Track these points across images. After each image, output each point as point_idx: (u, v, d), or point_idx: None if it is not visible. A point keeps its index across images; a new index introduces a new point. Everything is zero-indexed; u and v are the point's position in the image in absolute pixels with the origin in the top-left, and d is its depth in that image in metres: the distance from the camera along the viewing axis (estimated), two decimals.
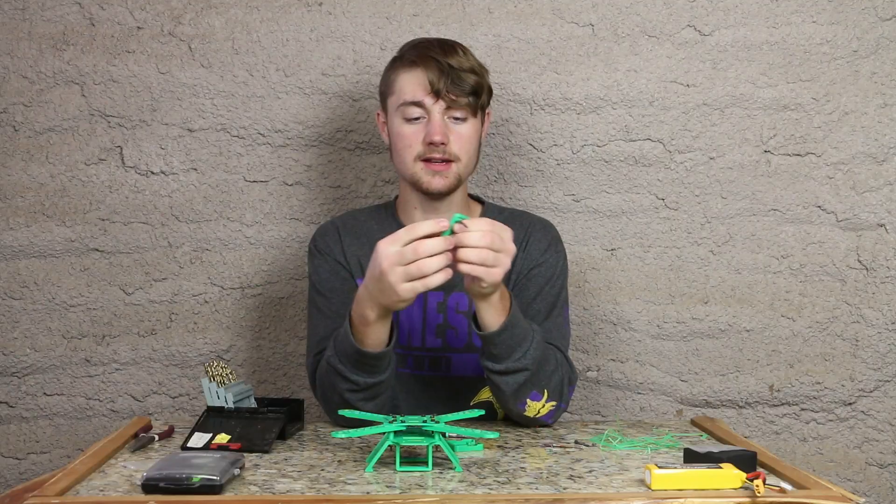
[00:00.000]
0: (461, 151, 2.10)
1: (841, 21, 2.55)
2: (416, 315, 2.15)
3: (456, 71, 2.08)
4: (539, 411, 2.02)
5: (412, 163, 2.10)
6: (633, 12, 2.54)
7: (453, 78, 2.08)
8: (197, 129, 2.53)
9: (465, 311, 2.15)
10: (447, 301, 2.15)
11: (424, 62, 2.09)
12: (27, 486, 1.71)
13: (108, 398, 2.57)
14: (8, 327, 2.55)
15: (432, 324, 2.15)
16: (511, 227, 2.17)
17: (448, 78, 2.08)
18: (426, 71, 2.08)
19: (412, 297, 1.84)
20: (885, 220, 2.57)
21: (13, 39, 2.52)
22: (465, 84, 2.09)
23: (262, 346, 2.57)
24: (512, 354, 1.95)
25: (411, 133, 2.10)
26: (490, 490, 1.58)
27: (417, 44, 2.16)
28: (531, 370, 1.97)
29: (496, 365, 1.96)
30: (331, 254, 2.19)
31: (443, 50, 2.11)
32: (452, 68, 2.08)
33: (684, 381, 2.58)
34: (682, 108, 2.55)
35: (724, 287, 2.57)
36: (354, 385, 1.97)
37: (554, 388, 2.02)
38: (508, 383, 1.97)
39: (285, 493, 1.56)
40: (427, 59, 2.09)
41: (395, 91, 2.13)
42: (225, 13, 2.52)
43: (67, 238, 2.54)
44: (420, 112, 2.09)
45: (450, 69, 2.08)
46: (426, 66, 2.08)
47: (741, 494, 1.54)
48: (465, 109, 2.10)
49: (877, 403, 2.60)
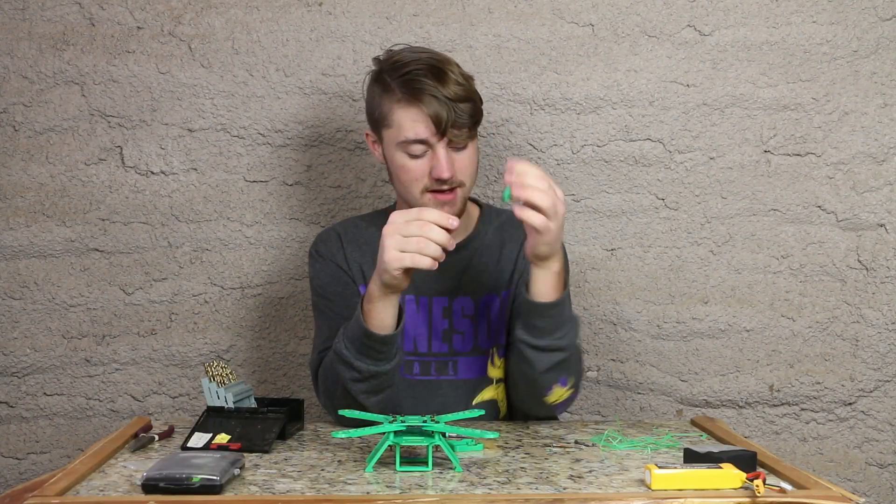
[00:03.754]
0: (465, 176, 2.09)
1: (841, 21, 2.55)
2: (420, 321, 2.15)
3: (455, 103, 2.02)
4: (560, 397, 2.04)
5: (419, 195, 2.08)
6: (633, 12, 2.54)
7: (455, 112, 2.03)
8: (197, 129, 2.53)
9: (471, 314, 2.15)
10: (452, 306, 2.15)
11: (422, 99, 2.02)
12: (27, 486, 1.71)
13: (108, 398, 2.57)
14: (8, 327, 2.55)
15: (438, 329, 2.15)
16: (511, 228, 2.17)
17: (450, 114, 2.02)
18: (426, 109, 2.02)
19: (397, 268, 1.86)
20: (885, 220, 2.57)
21: (13, 39, 2.52)
22: (465, 116, 2.04)
23: (262, 346, 2.57)
24: (555, 332, 1.96)
25: (416, 167, 2.07)
26: (490, 490, 1.58)
27: (407, 73, 2.05)
28: (568, 352, 1.99)
29: (538, 340, 1.97)
30: (333, 259, 2.18)
31: (436, 78, 2.03)
32: (451, 100, 2.02)
33: (684, 381, 2.58)
34: (682, 108, 2.55)
35: (724, 287, 2.58)
36: (358, 373, 1.96)
37: (577, 377, 2.06)
38: (543, 361, 1.98)
39: (285, 493, 1.56)
40: (424, 95, 2.02)
41: (393, 125, 2.07)
42: (225, 13, 2.52)
43: (67, 238, 2.54)
44: (423, 148, 2.05)
45: (449, 102, 2.02)
46: (425, 104, 2.02)
47: (741, 494, 1.54)
48: (467, 138, 2.08)
49: (877, 403, 2.60)
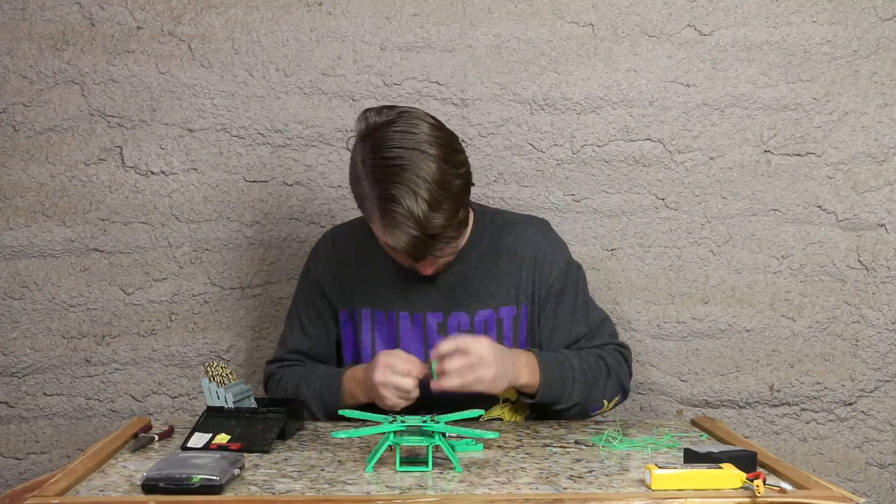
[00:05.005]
0: (454, 253, 2.09)
1: (841, 21, 2.55)
2: (415, 338, 2.15)
3: (434, 240, 1.96)
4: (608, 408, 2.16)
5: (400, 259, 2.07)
6: (633, 12, 2.54)
7: (436, 246, 1.97)
8: (197, 129, 2.53)
9: (467, 330, 2.15)
10: (447, 322, 2.15)
11: (401, 238, 1.93)
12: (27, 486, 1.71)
13: (108, 398, 2.57)
14: (8, 327, 2.55)
15: (433, 344, 2.13)
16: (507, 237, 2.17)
17: (429, 247, 1.96)
18: (403, 245, 1.94)
19: (396, 407, 1.98)
20: (885, 220, 2.57)
21: (13, 39, 2.52)
22: (447, 242, 1.99)
23: (262, 346, 2.57)
24: (560, 399, 2.09)
25: (399, 256, 2.03)
26: (490, 490, 1.58)
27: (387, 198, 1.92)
28: (582, 402, 2.11)
29: (552, 408, 2.11)
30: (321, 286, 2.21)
31: (418, 224, 1.92)
32: (431, 237, 1.95)
33: (684, 381, 2.58)
34: (682, 108, 2.55)
35: (724, 287, 2.57)
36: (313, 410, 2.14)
37: (613, 392, 2.15)
38: (569, 414, 2.12)
39: (285, 493, 1.56)
40: (403, 235, 1.93)
41: (374, 226, 2.00)
42: (225, 13, 2.52)
43: (67, 238, 2.54)
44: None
45: (428, 240, 1.95)
46: (405, 243, 1.94)
47: (741, 494, 1.54)
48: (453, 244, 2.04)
49: (877, 403, 2.60)
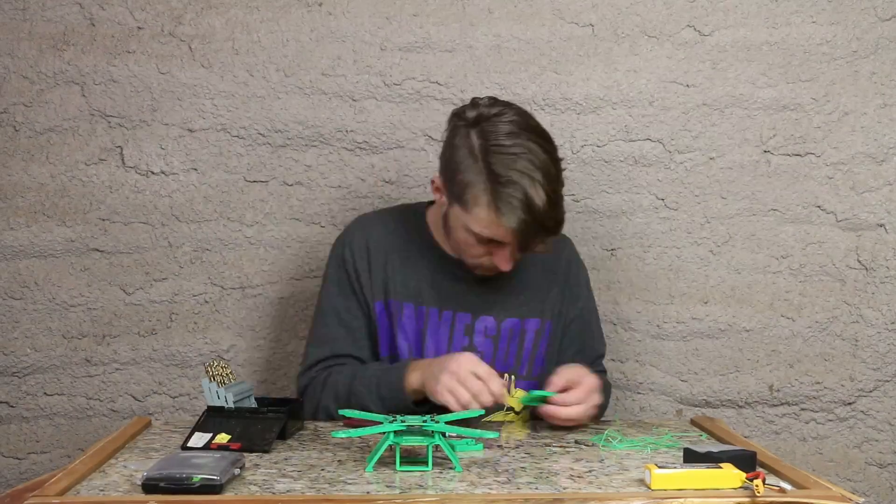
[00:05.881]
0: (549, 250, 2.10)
1: (841, 21, 2.55)
2: (442, 335, 2.15)
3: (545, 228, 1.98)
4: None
5: (468, 259, 2.08)
6: (633, 12, 2.54)
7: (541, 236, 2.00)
8: (197, 129, 2.53)
9: (493, 335, 2.15)
10: (474, 325, 2.15)
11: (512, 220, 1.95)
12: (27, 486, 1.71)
13: (109, 398, 2.57)
14: (8, 327, 2.55)
15: (457, 345, 2.14)
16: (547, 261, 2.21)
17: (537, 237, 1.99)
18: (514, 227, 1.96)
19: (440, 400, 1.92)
20: (884, 220, 2.57)
21: (13, 39, 2.51)
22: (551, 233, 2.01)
23: (262, 346, 2.57)
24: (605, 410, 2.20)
25: (479, 248, 2.04)
26: (490, 490, 1.58)
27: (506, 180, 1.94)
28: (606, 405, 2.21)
29: None
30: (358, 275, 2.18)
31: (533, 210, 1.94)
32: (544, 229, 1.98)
33: (684, 381, 2.58)
34: (681, 108, 2.55)
35: (724, 287, 2.57)
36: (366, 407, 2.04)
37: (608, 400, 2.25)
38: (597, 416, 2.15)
39: (285, 493, 1.56)
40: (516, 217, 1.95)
41: (471, 213, 2.00)
42: (225, 13, 2.52)
43: (67, 238, 2.54)
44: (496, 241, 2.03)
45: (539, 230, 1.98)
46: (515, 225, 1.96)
47: (741, 494, 1.54)
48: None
49: (876, 403, 2.60)
